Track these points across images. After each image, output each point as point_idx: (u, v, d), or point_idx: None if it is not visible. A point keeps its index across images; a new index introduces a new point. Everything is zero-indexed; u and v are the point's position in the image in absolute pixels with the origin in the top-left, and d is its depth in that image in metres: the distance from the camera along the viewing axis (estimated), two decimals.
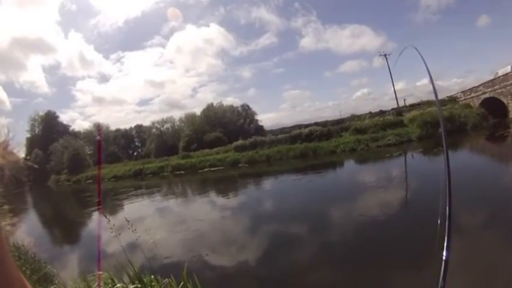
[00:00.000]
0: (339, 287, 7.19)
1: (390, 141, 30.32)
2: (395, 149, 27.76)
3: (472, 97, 33.14)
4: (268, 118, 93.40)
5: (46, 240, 16.62)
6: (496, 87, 29.01)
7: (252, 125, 53.60)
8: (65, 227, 20.48)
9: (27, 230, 18.19)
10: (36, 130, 64.27)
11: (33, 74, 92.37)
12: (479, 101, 31.46)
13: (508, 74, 27.90)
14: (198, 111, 58.77)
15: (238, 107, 57.97)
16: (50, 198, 38.45)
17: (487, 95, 30.31)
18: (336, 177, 23.78)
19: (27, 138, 64.07)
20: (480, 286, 5.20)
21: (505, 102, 28.00)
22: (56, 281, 6.00)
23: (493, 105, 29.09)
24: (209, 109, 56.93)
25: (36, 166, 60.79)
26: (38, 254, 9.37)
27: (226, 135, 46.47)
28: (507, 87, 27.53)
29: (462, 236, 7.71)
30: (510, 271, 5.63)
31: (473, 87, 33.97)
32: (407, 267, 7.21)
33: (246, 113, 56.38)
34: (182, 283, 4.11)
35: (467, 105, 32.69)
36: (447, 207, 1.27)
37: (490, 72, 34.63)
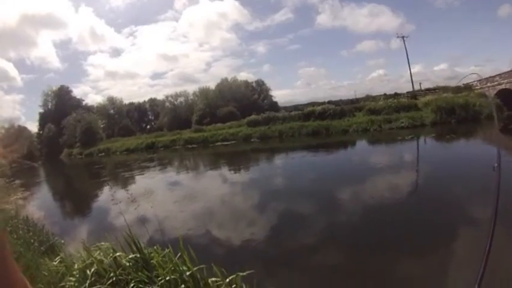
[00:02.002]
0: (344, 269, 7.15)
1: (403, 124, 29.92)
2: (408, 132, 27.33)
3: (488, 87, 32.03)
4: (282, 94, 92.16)
5: (57, 212, 16.90)
6: None
7: (266, 101, 53.27)
8: (75, 199, 20.77)
9: (38, 204, 18.39)
10: (49, 105, 64.67)
11: (44, 49, 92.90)
12: (495, 92, 30.38)
13: None
14: (211, 85, 58.43)
15: (252, 83, 57.51)
16: (62, 171, 39.15)
17: (503, 86, 29.30)
18: (348, 157, 23.59)
19: (40, 113, 65.03)
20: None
21: None
22: (62, 252, 6.09)
23: (508, 97, 28.11)
24: (223, 84, 56.51)
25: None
26: (47, 226, 9.48)
27: (239, 110, 46.18)
28: None
29: (469, 227, 7.70)
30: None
31: (490, 76, 32.76)
32: (414, 253, 7.16)
33: (260, 89, 55.93)
34: (179, 254, 4.16)
35: (483, 95, 31.65)
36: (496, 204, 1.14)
37: (508, 63, 33.46)
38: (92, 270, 4.08)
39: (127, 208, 5.88)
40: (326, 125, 33.62)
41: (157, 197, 16.44)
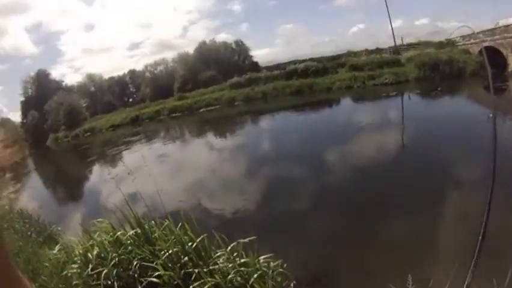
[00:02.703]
0: (337, 234, 7.23)
1: (387, 80, 29.36)
2: (392, 88, 27.00)
3: (472, 43, 31.18)
4: (262, 54, 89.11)
5: (50, 200, 16.75)
6: (496, 37, 27.29)
7: (246, 62, 52.07)
8: (67, 184, 20.55)
9: (30, 194, 18.13)
10: (30, 91, 62.05)
11: (16, 37, 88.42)
12: (479, 49, 29.61)
13: (509, 25, 26.45)
14: (190, 50, 56.65)
15: (231, 44, 56.10)
16: (51, 157, 38.43)
17: (486, 44, 28.23)
18: (334, 116, 23.61)
19: (21, 102, 62.77)
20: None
21: (504, 53, 26.41)
22: (61, 240, 5.99)
23: (491, 55, 27.12)
24: (202, 47, 54.95)
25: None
26: (42, 216, 9.41)
27: (221, 73, 45.31)
28: (507, 39, 26.10)
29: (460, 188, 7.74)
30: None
31: (473, 33, 32.07)
32: (406, 214, 7.23)
33: (240, 49, 54.55)
34: (180, 223, 4.10)
35: (466, 51, 30.86)
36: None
37: (490, 20, 32.63)
38: (94, 253, 3.99)
39: (118, 185, 5.78)
40: (309, 83, 33.24)
41: (145, 172, 16.46)
